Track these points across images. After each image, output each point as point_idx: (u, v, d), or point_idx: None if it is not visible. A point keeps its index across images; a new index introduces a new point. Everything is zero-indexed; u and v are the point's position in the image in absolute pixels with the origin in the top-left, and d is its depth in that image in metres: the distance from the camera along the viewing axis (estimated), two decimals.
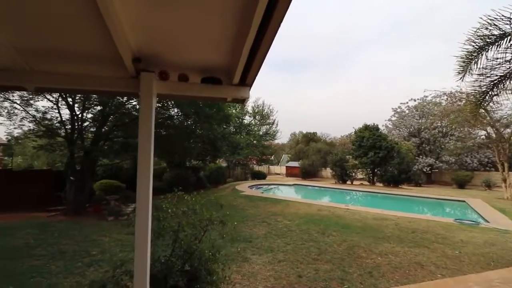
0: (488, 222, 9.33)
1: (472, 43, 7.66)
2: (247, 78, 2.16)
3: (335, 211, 10.33)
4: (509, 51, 7.09)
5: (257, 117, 31.25)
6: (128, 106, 11.08)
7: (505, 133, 18.03)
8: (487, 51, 7.50)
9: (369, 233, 7.40)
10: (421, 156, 27.05)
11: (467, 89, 13.91)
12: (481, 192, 19.03)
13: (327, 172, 30.36)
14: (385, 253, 5.92)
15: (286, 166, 35.27)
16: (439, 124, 27.27)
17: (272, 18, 1.33)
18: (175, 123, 12.69)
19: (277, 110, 37.29)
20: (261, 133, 31.37)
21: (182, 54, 2.02)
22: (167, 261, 3.05)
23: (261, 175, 28.77)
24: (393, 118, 31.65)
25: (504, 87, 7.68)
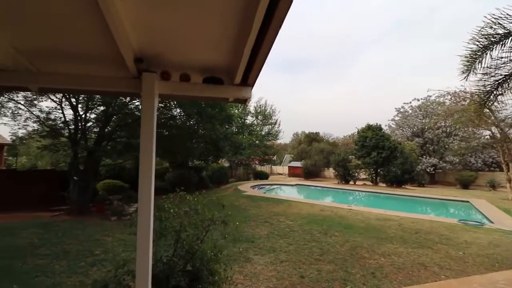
0: (492, 222, 9.25)
1: (476, 42, 7.59)
2: (248, 78, 2.15)
3: (338, 211, 10.29)
4: None
5: (260, 117, 31.24)
6: (131, 107, 11.13)
7: (510, 133, 17.85)
8: (492, 50, 7.42)
9: (372, 233, 7.36)
10: (424, 156, 26.87)
11: (471, 88, 13.80)
12: (485, 193, 18.86)
13: (330, 172, 30.26)
14: (388, 253, 5.89)
15: (289, 166, 35.22)
16: (443, 124, 27.09)
17: (273, 18, 1.33)
18: (177, 123, 12.72)
19: (280, 110, 37.29)
20: (263, 133, 31.35)
21: (184, 54, 2.02)
22: (169, 261, 3.06)
23: (263, 175, 28.77)
24: (396, 118, 31.51)
25: (508, 86, 7.60)
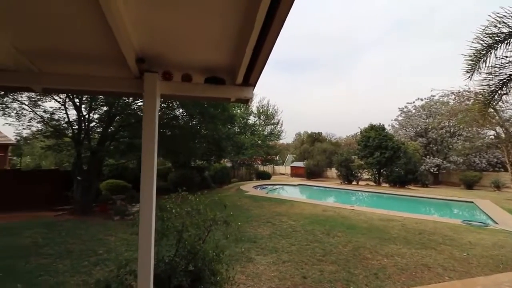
0: (497, 223, 9.15)
1: (481, 41, 7.53)
2: (250, 78, 2.15)
3: (341, 211, 10.25)
4: None
5: (262, 117, 31.18)
6: (134, 107, 11.18)
7: None
8: (496, 49, 7.36)
9: (375, 234, 7.32)
10: (428, 156, 26.69)
11: (475, 88, 13.68)
12: (490, 193, 18.67)
13: (332, 172, 30.18)
14: (391, 254, 5.85)
15: (291, 166, 35.20)
16: (446, 124, 26.88)
17: (275, 18, 1.32)
18: (180, 123, 12.76)
19: (282, 110, 37.12)
20: (265, 133, 31.29)
21: (185, 54, 2.02)
22: (171, 261, 3.06)
23: (266, 175, 28.74)
24: (400, 118, 31.31)
25: None
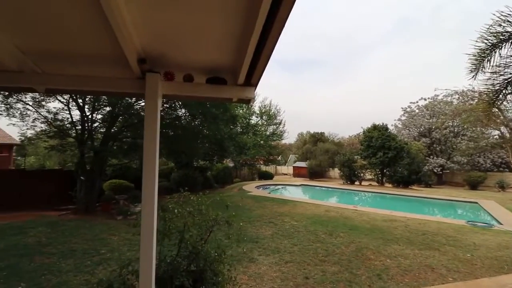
0: (501, 224, 9.06)
1: (485, 41, 7.45)
2: (252, 78, 2.14)
3: (343, 212, 10.21)
4: None
5: (264, 117, 31.19)
6: (136, 107, 11.23)
7: None
8: (501, 49, 7.28)
9: (377, 234, 7.28)
10: (431, 157, 26.51)
11: (479, 87, 13.56)
12: (494, 194, 18.50)
13: (335, 172, 30.09)
14: (394, 255, 5.81)
15: (293, 167, 35.11)
16: (450, 124, 26.66)
17: (276, 17, 1.32)
18: (182, 124, 12.80)
19: (284, 110, 37.17)
20: (268, 133, 31.30)
21: (187, 55, 2.02)
22: (172, 261, 3.06)
23: (268, 175, 28.73)
24: (403, 118, 31.10)
25: None
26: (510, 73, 7.38)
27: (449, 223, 8.82)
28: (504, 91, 7.77)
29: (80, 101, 10.41)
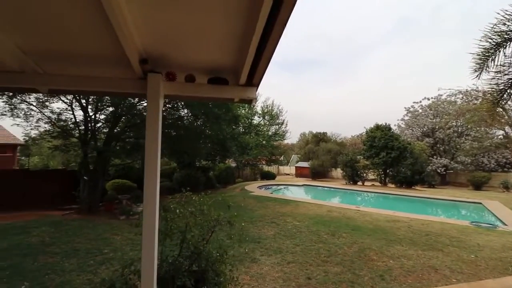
0: (506, 225, 8.97)
1: (489, 40, 7.38)
2: (253, 78, 2.14)
3: (346, 212, 10.17)
4: None
5: (266, 117, 31.18)
6: (139, 107, 11.28)
7: None
8: (505, 48, 7.21)
9: (380, 235, 7.24)
10: (435, 157, 26.32)
11: (483, 87, 13.45)
12: (498, 194, 18.33)
13: (338, 172, 29.97)
14: (397, 256, 5.78)
15: (296, 167, 35.06)
16: (454, 124, 26.47)
17: (278, 17, 1.31)
18: (185, 124, 12.83)
19: (286, 110, 37.12)
20: (270, 133, 31.27)
21: (189, 55, 2.02)
22: (174, 262, 3.06)
23: (270, 176, 28.71)
24: (406, 118, 30.93)
25: None
26: None
27: (453, 224, 8.75)
28: (508, 91, 7.68)
29: (83, 101, 10.48)
